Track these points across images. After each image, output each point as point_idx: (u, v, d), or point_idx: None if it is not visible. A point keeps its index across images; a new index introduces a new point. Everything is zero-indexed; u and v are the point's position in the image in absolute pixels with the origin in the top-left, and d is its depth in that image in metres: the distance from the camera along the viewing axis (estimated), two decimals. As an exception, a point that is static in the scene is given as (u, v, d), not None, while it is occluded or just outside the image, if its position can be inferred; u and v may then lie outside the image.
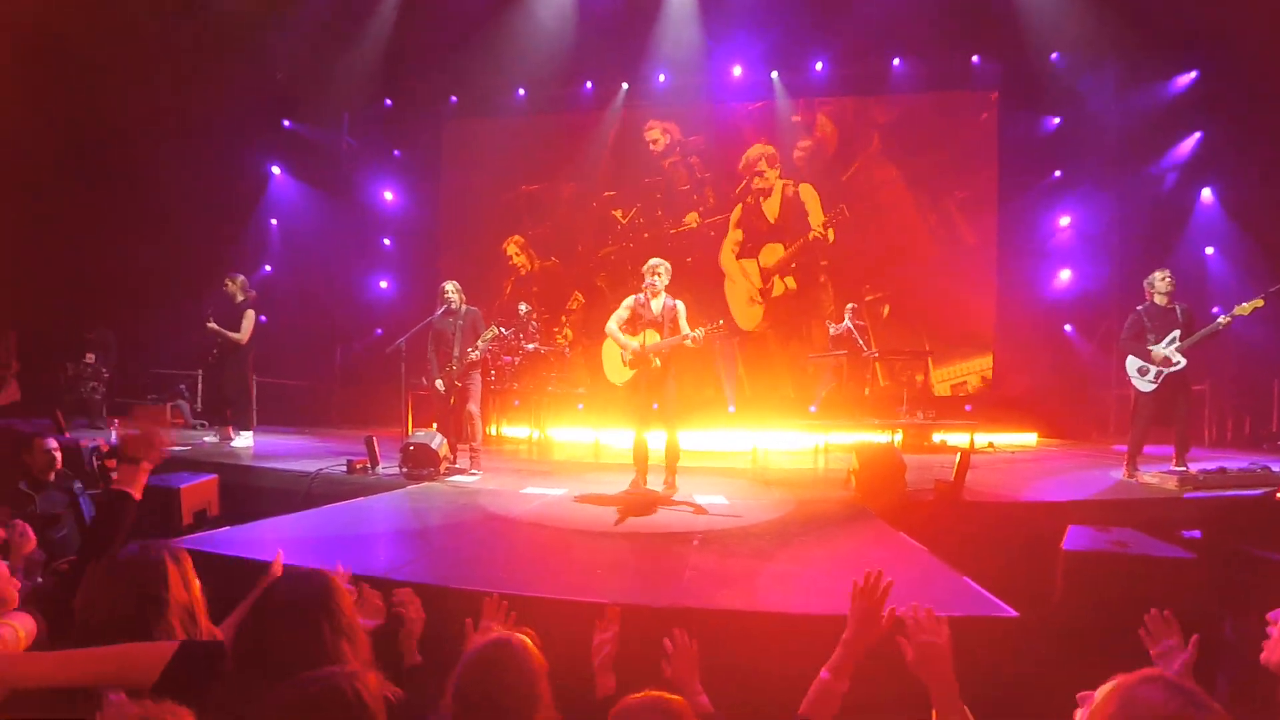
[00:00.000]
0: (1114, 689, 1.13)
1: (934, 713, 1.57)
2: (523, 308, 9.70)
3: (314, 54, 10.67)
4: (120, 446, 2.17)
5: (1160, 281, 5.72)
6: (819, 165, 11.42)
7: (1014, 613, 2.67)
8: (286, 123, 11.44)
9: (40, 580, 2.89)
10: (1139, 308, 5.79)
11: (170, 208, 10.40)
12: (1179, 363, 5.50)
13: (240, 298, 7.45)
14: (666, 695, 1.44)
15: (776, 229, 11.58)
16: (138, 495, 2.08)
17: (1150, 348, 5.56)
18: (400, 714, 1.36)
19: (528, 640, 1.65)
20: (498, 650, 1.59)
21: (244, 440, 7.42)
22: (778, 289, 11.60)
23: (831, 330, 9.39)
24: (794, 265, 11.54)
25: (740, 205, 11.71)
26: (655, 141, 11.96)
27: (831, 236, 11.34)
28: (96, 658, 1.53)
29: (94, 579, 1.81)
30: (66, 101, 9.37)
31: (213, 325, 7.28)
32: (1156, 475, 5.47)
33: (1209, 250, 9.45)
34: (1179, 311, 5.63)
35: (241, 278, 7.58)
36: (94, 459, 5.65)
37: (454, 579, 3.00)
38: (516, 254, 12.42)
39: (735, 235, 11.74)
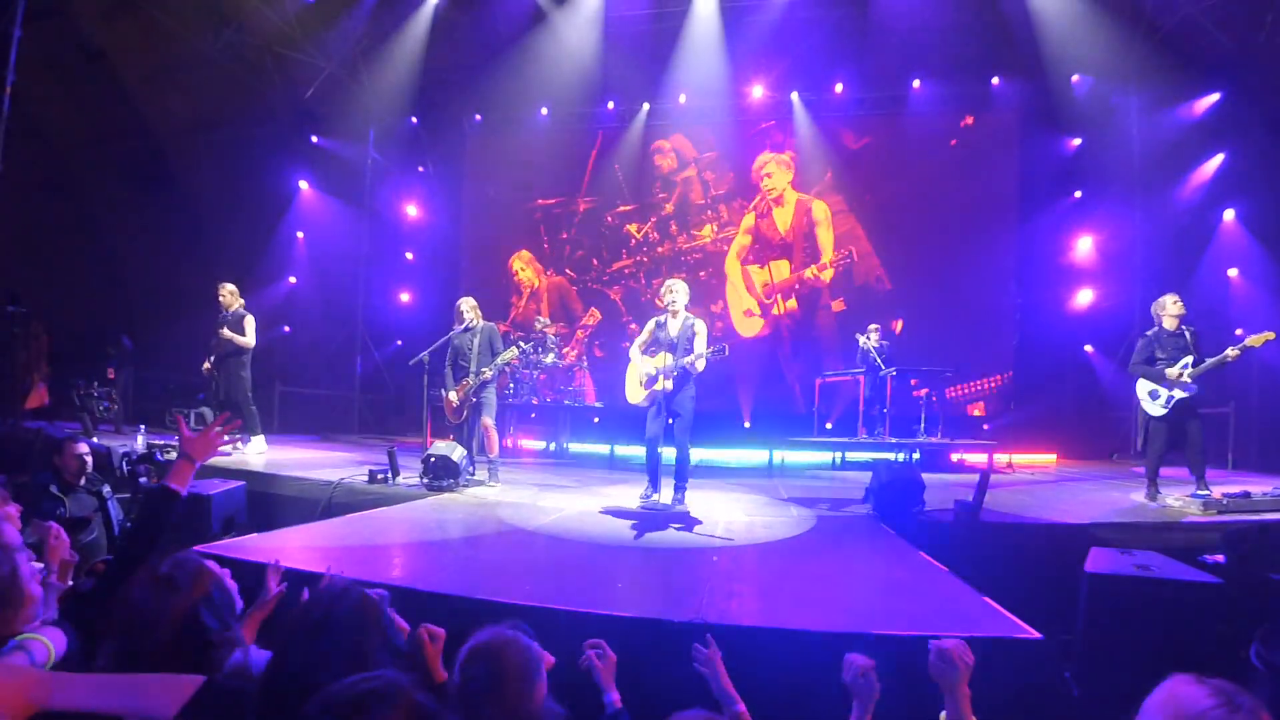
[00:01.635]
0: (1161, 690, 1.21)
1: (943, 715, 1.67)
2: (540, 322, 9.78)
3: (344, 71, 10.90)
4: (182, 445, 2.24)
5: (1171, 305, 5.65)
6: (837, 182, 11.47)
7: (1037, 634, 2.66)
8: (315, 138, 11.68)
9: (72, 584, 2.95)
10: (1149, 333, 5.74)
11: (200, 217, 10.65)
12: (1192, 389, 5.45)
13: (235, 305, 7.38)
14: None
15: (787, 243, 11.60)
16: (184, 492, 2.16)
17: (1166, 369, 5.52)
18: None
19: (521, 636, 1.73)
20: (497, 640, 1.68)
21: (257, 446, 7.32)
22: (778, 308, 11.62)
23: (860, 343, 9.35)
24: (797, 286, 11.58)
25: (753, 212, 11.76)
26: (662, 155, 12.07)
27: (828, 278, 11.37)
28: (119, 685, 1.53)
29: (139, 584, 1.85)
30: (108, 112, 9.65)
31: (227, 333, 7.20)
32: (1179, 499, 5.41)
33: (1232, 272, 9.35)
34: (1188, 335, 5.59)
35: (232, 285, 7.47)
36: (124, 464, 5.77)
37: (479, 590, 3.04)
38: (523, 269, 12.54)
39: (743, 240, 11.77)
